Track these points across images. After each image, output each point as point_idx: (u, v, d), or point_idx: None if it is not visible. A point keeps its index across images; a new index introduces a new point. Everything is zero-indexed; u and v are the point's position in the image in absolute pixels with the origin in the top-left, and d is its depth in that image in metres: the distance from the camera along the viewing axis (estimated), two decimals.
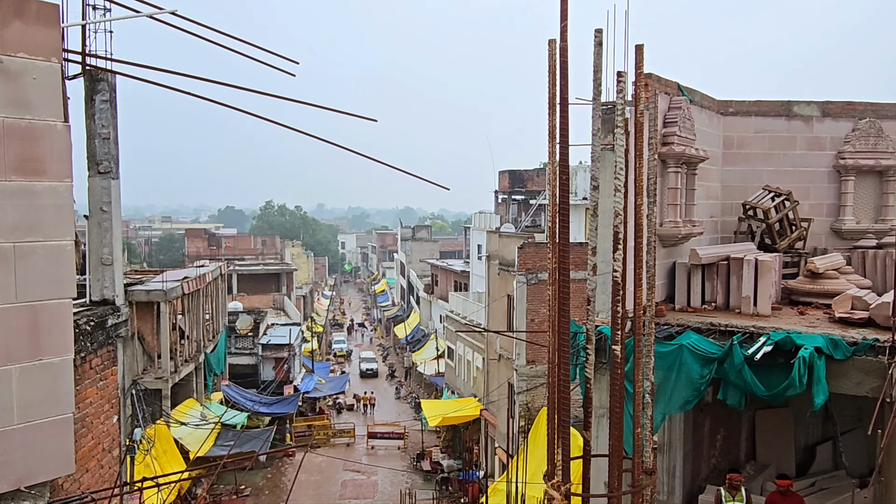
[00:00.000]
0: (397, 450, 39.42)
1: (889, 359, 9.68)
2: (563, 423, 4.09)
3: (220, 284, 38.63)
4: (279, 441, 36.18)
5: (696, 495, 13.96)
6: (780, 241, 13.97)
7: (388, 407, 50.49)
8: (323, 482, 34.20)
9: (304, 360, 52.85)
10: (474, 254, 45.20)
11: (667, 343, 10.65)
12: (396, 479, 34.01)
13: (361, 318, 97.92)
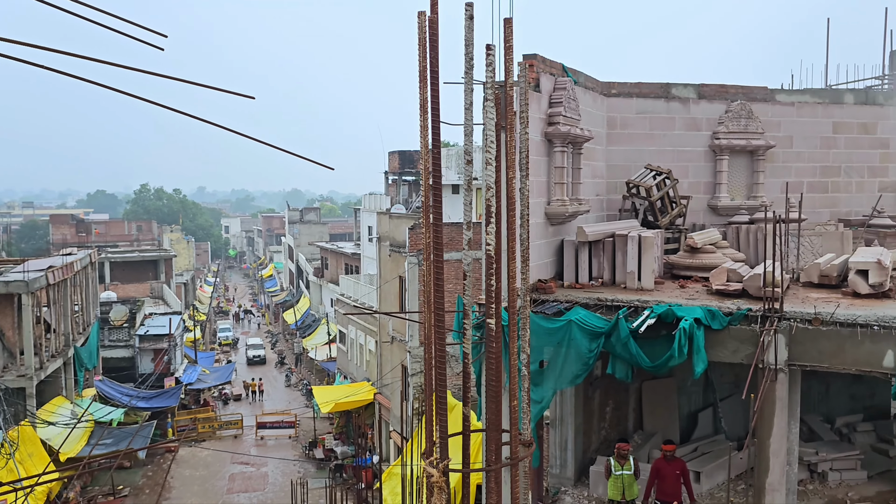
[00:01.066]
0: (288, 439, 38.59)
1: (761, 327, 10.18)
2: (440, 400, 3.94)
3: (91, 273, 36.35)
4: (160, 437, 34.58)
5: (587, 467, 14.32)
6: (661, 217, 14.44)
7: (278, 395, 49.35)
8: (209, 477, 33.00)
9: (187, 351, 50.78)
10: (365, 236, 44.73)
11: (556, 319, 10.76)
12: (288, 469, 33.28)
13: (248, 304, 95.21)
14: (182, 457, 35.36)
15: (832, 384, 16.50)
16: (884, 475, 14.30)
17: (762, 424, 10.50)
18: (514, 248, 3.41)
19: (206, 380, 44.93)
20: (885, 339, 9.73)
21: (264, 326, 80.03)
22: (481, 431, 3.02)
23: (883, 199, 16.52)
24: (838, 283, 12.09)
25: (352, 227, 68.88)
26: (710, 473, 13.75)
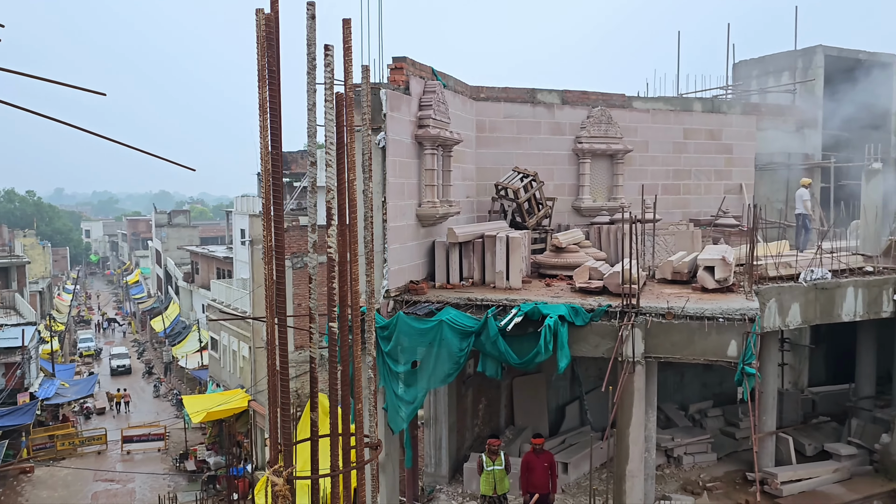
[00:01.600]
0: (157, 452, 36.79)
1: (620, 322, 10.75)
2: (284, 405, 3.91)
3: None
4: (13, 457, 32.05)
5: (461, 464, 14.58)
6: (529, 218, 14.93)
7: (147, 407, 46.95)
8: (69, 497, 30.92)
9: (43, 364, 47.34)
10: (237, 239, 43.36)
11: (428, 320, 10.90)
12: (157, 483, 31.73)
13: (112, 312, 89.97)
14: (39, 477, 32.95)
15: (686, 374, 17.65)
16: (731, 456, 15.45)
17: (622, 414, 11.08)
18: (356, 250, 3.41)
19: (65, 394, 42.02)
20: (729, 330, 10.52)
21: (130, 335, 75.87)
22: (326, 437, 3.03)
23: (727, 200, 17.85)
24: (689, 278, 12.94)
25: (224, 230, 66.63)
26: (577, 464, 14.36)
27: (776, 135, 19.40)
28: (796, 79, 21.04)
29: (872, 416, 15.80)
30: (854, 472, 14.45)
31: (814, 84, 20.64)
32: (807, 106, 20.44)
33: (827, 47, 20.97)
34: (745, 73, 22.77)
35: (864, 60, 21.81)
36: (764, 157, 19.24)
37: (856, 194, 17.27)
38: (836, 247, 14.84)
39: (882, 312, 13.92)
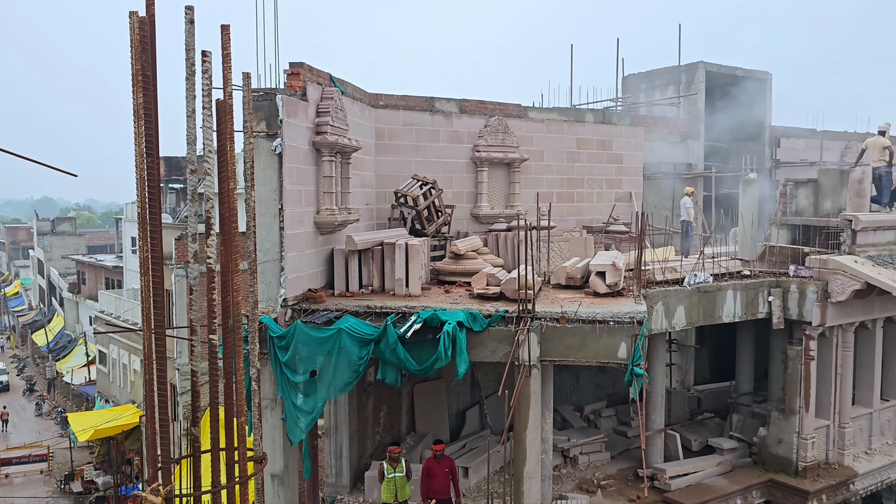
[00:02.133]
0: (40, 474, 34.63)
1: (516, 327, 11.00)
2: (163, 421, 3.80)
3: None
4: None
5: (363, 473, 14.48)
6: (428, 226, 15.05)
7: (28, 426, 44.11)
8: None
9: None
10: (128, 247, 41.53)
11: (326, 328, 10.80)
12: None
13: None
14: None
15: (581, 376, 18.24)
16: (623, 454, 16.06)
17: (519, 417, 11.33)
18: (237, 260, 3.33)
19: None
20: (619, 332, 10.96)
21: (9, 350, 71.10)
22: (206, 452, 2.95)
23: (617, 207, 18.60)
24: (582, 283, 13.39)
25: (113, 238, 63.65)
26: (477, 468, 14.55)
27: (662, 145, 20.39)
28: (680, 92, 22.19)
29: (751, 411, 16.81)
30: (735, 465, 15.32)
31: (696, 98, 21.84)
32: (690, 118, 21.61)
33: (708, 63, 22.23)
34: (633, 86, 23.82)
35: (741, 76, 23.26)
36: (651, 166, 20.17)
37: (735, 202, 18.38)
38: (716, 252, 15.72)
39: (758, 313, 14.85)
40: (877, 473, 15.63)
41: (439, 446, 12.09)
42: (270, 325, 10.97)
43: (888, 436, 16.66)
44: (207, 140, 3.88)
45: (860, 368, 16.14)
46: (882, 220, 15.96)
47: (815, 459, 14.92)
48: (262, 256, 11.27)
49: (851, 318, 15.14)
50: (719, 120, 22.24)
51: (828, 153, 25.47)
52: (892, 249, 15.89)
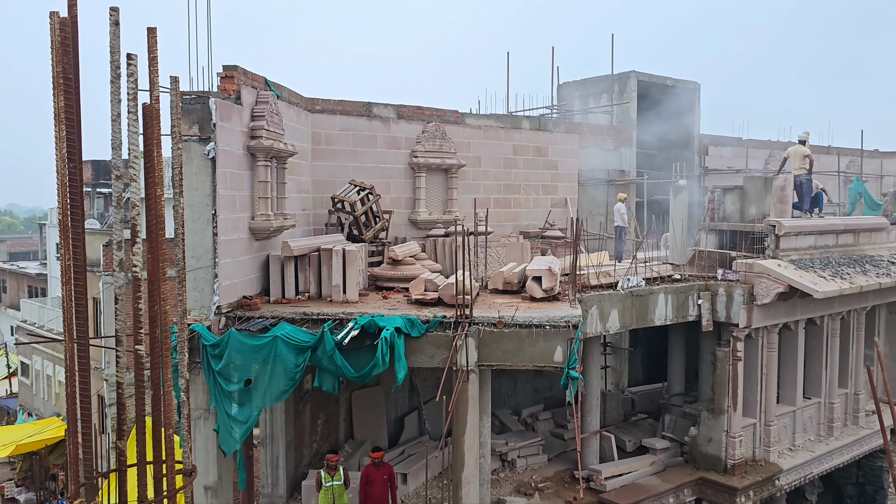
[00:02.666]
0: None
1: (454, 332, 11.03)
2: (85, 435, 3.67)
3: None
4: None
5: (300, 482, 14.27)
6: (366, 231, 14.97)
7: None
8: None
9: None
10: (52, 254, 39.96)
11: (261, 336, 10.61)
12: None
13: None
14: None
15: (518, 380, 18.42)
16: (560, 456, 16.28)
17: (457, 422, 11.35)
18: (164, 268, 3.22)
19: None
20: (555, 336, 11.10)
21: None
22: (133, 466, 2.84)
23: (553, 213, 18.89)
24: (519, 288, 13.52)
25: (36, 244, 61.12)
26: (416, 474, 14.51)
27: (596, 152, 20.82)
28: (613, 101, 22.71)
29: (683, 412, 17.28)
30: (668, 464, 15.71)
31: (628, 106, 22.39)
32: (622, 126, 22.12)
33: (639, 73, 22.82)
34: (568, 93, 24.26)
35: (671, 86, 23.95)
36: (586, 172, 20.56)
37: (666, 208, 18.88)
38: (649, 256, 16.12)
39: (688, 316, 15.29)
40: (800, 469, 16.26)
41: (378, 453, 12.02)
42: (203, 334, 10.72)
43: (810, 432, 17.36)
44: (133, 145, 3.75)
45: (784, 368, 16.78)
46: (803, 226, 16.65)
47: (742, 457, 15.43)
48: (195, 263, 11.01)
49: (776, 319, 15.73)
50: (651, 128, 22.85)
51: (753, 161, 26.47)
52: (813, 253, 16.60)
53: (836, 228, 17.57)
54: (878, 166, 31.41)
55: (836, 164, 28.27)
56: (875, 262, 17.54)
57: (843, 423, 18.13)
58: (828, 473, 17.72)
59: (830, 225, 17.44)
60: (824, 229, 17.16)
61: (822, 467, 16.97)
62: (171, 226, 13.10)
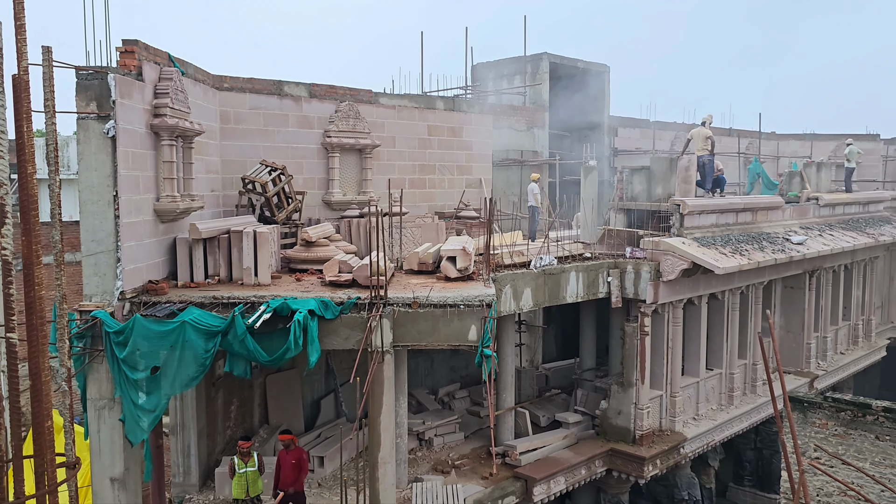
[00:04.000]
0: None
1: (369, 313, 10.98)
2: None
3: None
4: None
5: (213, 470, 13.96)
6: (278, 213, 14.66)
7: None
8: None
9: None
10: None
11: (168, 322, 10.27)
12: None
13: None
14: None
15: (435, 359, 18.54)
16: (477, 434, 16.53)
17: (373, 404, 11.34)
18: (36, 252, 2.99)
19: None
20: (469, 315, 11.21)
21: None
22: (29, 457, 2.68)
23: (467, 193, 19.00)
24: (434, 268, 13.57)
25: None
26: (333, 456, 14.43)
27: (510, 133, 21.04)
28: (526, 82, 22.96)
29: (594, 386, 17.81)
30: (580, 437, 16.19)
31: (541, 88, 22.68)
32: (535, 107, 22.41)
33: (551, 55, 23.13)
34: (482, 74, 24.36)
35: (582, 68, 24.41)
36: (500, 153, 20.76)
37: (577, 188, 19.30)
38: (561, 236, 16.47)
39: (599, 293, 15.72)
40: (703, 437, 17.08)
41: (286, 437, 11.81)
42: (106, 320, 10.28)
43: (713, 402, 18.24)
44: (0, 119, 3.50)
45: (688, 342, 17.53)
46: (706, 205, 17.36)
47: (650, 427, 16.07)
48: (96, 247, 10.53)
49: (680, 295, 16.39)
50: (563, 109, 23.24)
51: (660, 143, 27.36)
52: (715, 231, 17.35)
53: (736, 207, 18.41)
54: (775, 148, 33.03)
55: (736, 146, 29.54)
56: (771, 238, 18.48)
57: (742, 392, 19.12)
58: (729, 440, 18.69)
59: (731, 204, 18.26)
60: (725, 208, 17.95)
61: (723, 434, 17.87)
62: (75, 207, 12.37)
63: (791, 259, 17.94)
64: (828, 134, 34.62)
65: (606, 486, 16.20)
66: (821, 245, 19.45)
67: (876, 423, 10.55)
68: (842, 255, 21.79)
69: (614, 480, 15.90)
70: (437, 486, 13.25)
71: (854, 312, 24.47)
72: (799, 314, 21.40)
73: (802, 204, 22.00)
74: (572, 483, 15.01)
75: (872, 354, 24.94)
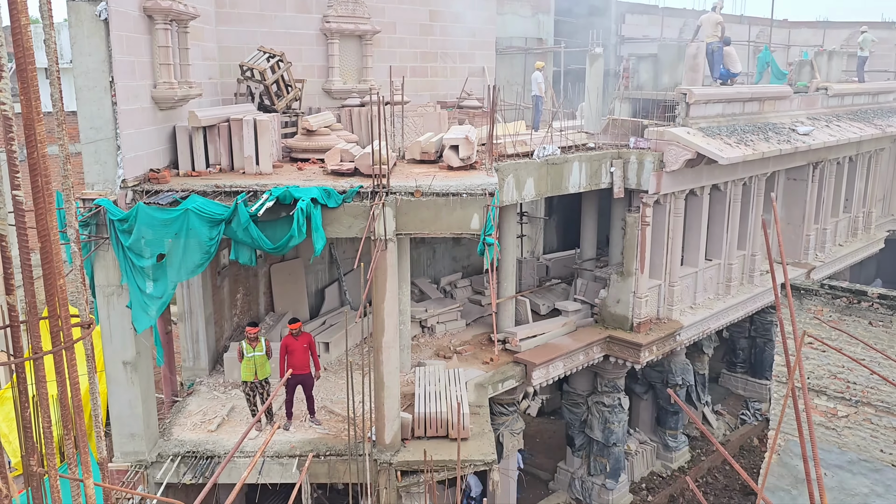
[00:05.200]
0: None
1: (371, 202, 11.00)
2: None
3: None
4: None
5: (222, 355, 14.41)
6: (277, 101, 14.42)
7: None
8: None
9: None
10: None
11: (172, 209, 10.31)
12: None
13: None
14: None
15: (437, 249, 18.74)
16: (478, 321, 16.92)
17: (377, 291, 11.55)
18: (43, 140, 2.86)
19: None
20: (472, 204, 11.23)
21: None
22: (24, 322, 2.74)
23: (470, 82, 18.61)
24: (436, 158, 13.48)
25: None
26: (338, 342, 14.86)
27: (514, 20, 20.38)
28: None
29: (594, 276, 18.08)
30: (579, 325, 16.58)
31: None
32: None
33: None
34: None
35: None
36: (504, 41, 20.18)
37: (582, 77, 18.89)
38: (564, 126, 16.25)
39: (601, 184, 15.69)
40: (699, 325, 17.49)
41: (295, 325, 12.10)
42: (110, 209, 10.32)
43: (710, 291, 18.55)
44: None
45: (689, 232, 17.64)
46: (712, 94, 17.03)
47: (647, 316, 16.42)
48: (95, 134, 10.42)
49: (683, 186, 16.35)
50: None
51: (668, 30, 26.54)
52: (721, 121, 17.10)
53: (743, 97, 18.07)
54: (787, 36, 32.09)
55: (746, 34, 28.68)
56: (777, 129, 18.25)
57: (739, 282, 19.41)
58: (724, 329, 19.16)
59: (738, 93, 17.91)
60: (732, 97, 17.62)
61: (719, 322, 18.29)
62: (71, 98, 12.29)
63: (796, 150, 17.77)
64: (841, 22, 33.55)
65: (603, 372, 16.74)
66: (827, 136, 19.22)
67: (870, 309, 10.77)
68: (847, 146, 21.56)
69: (611, 366, 16.40)
70: (439, 370, 13.69)
71: (855, 205, 24.49)
72: (800, 206, 21.42)
73: (811, 94, 21.58)
74: (570, 368, 15.50)
75: (871, 246, 25.16)
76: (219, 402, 13.17)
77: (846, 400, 11.00)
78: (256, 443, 11.81)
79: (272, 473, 11.60)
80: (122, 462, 11.41)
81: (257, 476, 11.54)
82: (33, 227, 2.99)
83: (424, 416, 12.14)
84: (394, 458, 11.70)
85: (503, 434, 14.67)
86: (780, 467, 11.64)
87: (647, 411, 19.25)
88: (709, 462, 19.42)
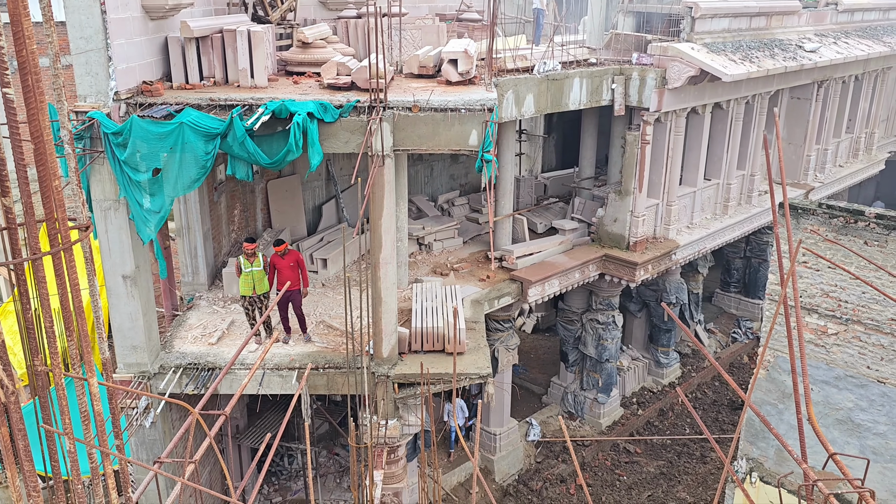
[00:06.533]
0: None
1: (368, 116, 10.85)
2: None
3: None
4: None
5: (220, 270, 14.51)
6: (272, 12, 14.01)
7: None
8: None
9: None
10: None
11: (166, 123, 10.17)
12: None
13: None
14: None
15: (435, 167, 18.62)
16: (475, 239, 16.99)
17: (374, 207, 11.52)
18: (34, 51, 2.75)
19: None
20: (470, 120, 11.08)
21: None
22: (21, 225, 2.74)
23: None
24: (435, 72, 13.20)
25: None
26: (335, 259, 14.95)
27: None
28: None
29: (592, 195, 18.04)
30: (576, 243, 16.65)
31: None
32: None
33: None
34: None
35: None
36: None
37: None
38: (566, 40, 15.86)
39: (602, 101, 15.45)
40: (695, 244, 17.58)
41: (280, 246, 12.04)
42: (103, 121, 10.16)
43: (707, 211, 18.56)
44: None
45: (689, 151, 17.50)
46: (718, 8, 16.56)
47: (644, 235, 16.47)
48: (85, 44, 10.16)
49: (685, 103, 16.11)
50: None
51: None
52: (726, 37, 16.70)
53: (751, 11, 17.59)
54: None
55: None
56: (784, 45, 17.85)
57: (737, 202, 19.40)
58: (718, 249, 19.26)
59: (745, 7, 17.42)
60: (739, 12, 17.15)
61: (715, 242, 18.38)
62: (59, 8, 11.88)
63: (802, 67, 17.43)
64: None
65: (598, 290, 16.93)
66: (834, 53, 18.82)
67: (867, 229, 10.79)
68: (854, 64, 21.15)
69: (606, 284, 16.57)
70: (436, 286, 13.83)
71: (858, 125, 24.21)
72: (802, 126, 21.19)
73: (820, 9, 20.99)
74: (566, 286, 15.66)
75: (871, 168, 25.04)
76: (218, 317, 13.35)
77: (836, 318, 11.17)
78: (257, 355, 12.04)
79: (272, 385, 11.87)
80: (125, 373, 11.65)
81: (258, 387, 11.82)
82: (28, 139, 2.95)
83: (421, 331, 12.34)
84: (391, 371, 11.96)
85: (498, 349, 14.96)
86: (769, 382, 11.93)
87: (641, 329, 19.59)
88: (699, 378, 19.90)
